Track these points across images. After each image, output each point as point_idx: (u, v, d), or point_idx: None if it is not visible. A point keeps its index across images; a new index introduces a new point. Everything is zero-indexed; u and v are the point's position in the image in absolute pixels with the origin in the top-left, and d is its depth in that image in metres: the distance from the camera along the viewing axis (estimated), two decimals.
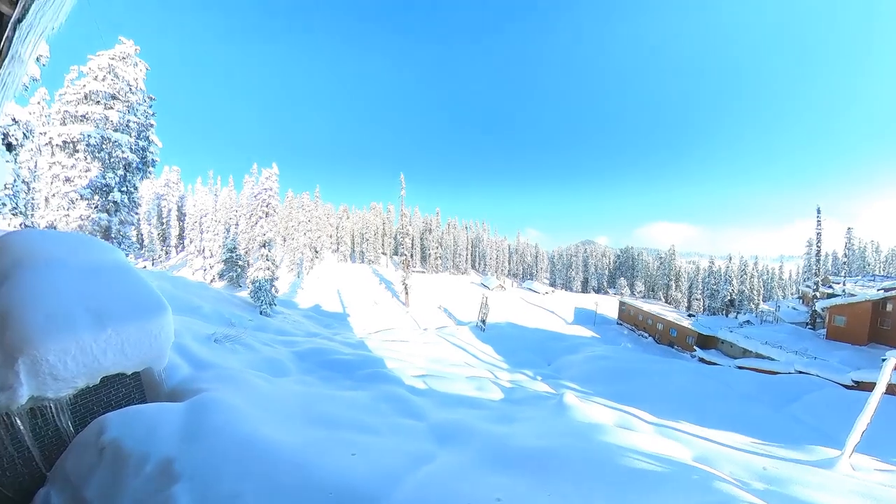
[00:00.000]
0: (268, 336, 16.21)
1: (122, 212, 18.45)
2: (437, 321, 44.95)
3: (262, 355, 10.97)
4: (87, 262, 4.92)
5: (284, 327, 22.97)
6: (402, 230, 54.09)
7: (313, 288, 53.68)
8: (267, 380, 8.15)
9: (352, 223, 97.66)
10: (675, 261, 74.70)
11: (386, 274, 72.61)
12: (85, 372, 3.86)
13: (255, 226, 29.59)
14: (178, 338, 7.87)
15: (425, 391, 12.21)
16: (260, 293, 27.38)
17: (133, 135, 18.76)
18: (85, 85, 17.37)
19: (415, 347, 25.35)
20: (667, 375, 20.26)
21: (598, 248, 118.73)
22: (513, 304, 60.90)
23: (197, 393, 5.53)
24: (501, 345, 32.23)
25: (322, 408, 7.09)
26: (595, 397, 15.49)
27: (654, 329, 42.45)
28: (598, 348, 31.20)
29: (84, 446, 3.69)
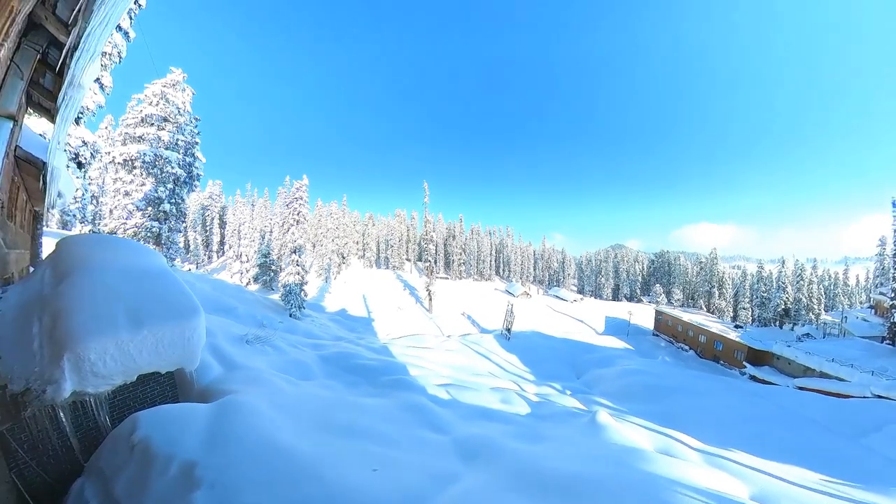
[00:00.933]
0: (296, 338, 16.67)
1: (171, 221, 20.28)
2: (460, 328, 44.39)
3: (290, 357, 11.23)
4: (131, 266, 5.22)
5: (312, 330, 23.53)
6: (425, 236, 54.56)
7: (340, 292, 55.05)
8: (292, 383, 8.27)
9: (377, 230, 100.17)
10: (717, 265, 67.31)
11: (410, 280, 73.26)
12: (122, 370, 4.01)
13: (287, 233, 31.13)
14: (212, 338, 8.18)
15: (448, 402, 11.86)
16: (290, 297, 28.54)
17: (181, 152, 20.79)
18: (142, 110, 19.67)
19: (438, 355, 24.93)
20: (713, 394, 18.30)
21: (630, 252, 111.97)
22: (539, 311, 58.90)
23: (225, 394, 5.64)
24: (527, 355, 31.09)
25: (344, 415, 7.00)
26: (630, 416, 14.33)
27: (696, 341, 38.96)
28: (632, 361, 29.07)
29: (117, 441, 3.81)
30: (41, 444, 3.79)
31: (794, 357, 27.71)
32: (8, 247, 4.84)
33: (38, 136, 5.80)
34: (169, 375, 5.14)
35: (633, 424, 12.10)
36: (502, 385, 18.41)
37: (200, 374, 6.16)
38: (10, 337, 3.72)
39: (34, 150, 5.33)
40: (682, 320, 41.91)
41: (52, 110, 5.29)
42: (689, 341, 40.17)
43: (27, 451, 3.68)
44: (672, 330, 43.85)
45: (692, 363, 35.47)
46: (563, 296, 76.30)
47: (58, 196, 6.15)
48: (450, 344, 31.57)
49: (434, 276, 53.12)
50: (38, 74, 4.78)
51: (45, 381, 3.53)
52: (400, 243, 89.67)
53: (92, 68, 5.05)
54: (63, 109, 4.59)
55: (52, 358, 3.62)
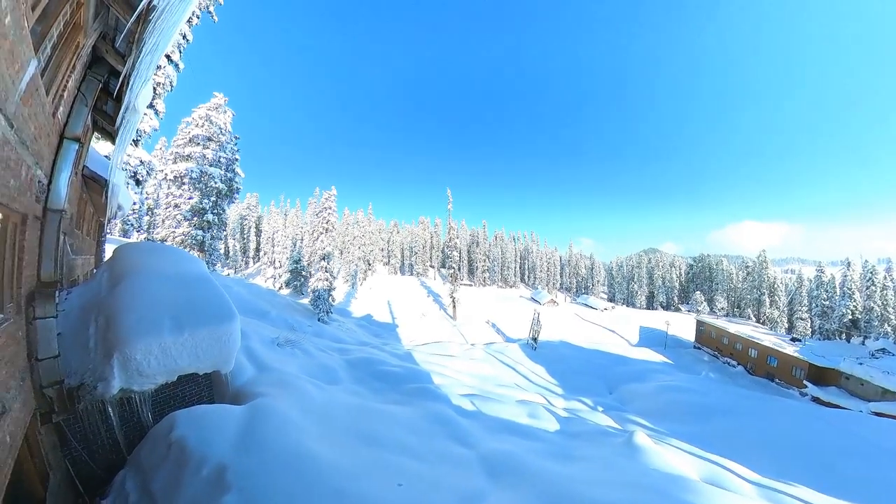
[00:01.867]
0: (323, 342, 17.09)
1: (213, 230, 22.12)
2: (484, 336, 43.65)
3: (317, 361, 11.48)
4: (176, 273, 5.59)
5: (338, 334, 23.99)
6: (449, 243, 54.70)
7: (366, 298, 56.33)
8: (320, 387, 8.41)
9: (401, 237, 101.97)
10: (767, 270, 60.12)
11: (434, 286, 73.44)
12: (164, 370, 4.24)
13: (317, 241, 32.54)
14: (246, 340, 8.55)
15: (473, 413, 11.55)
16: (319, 302, 29.59)
17: (223, 168, 22.89)
18: (189, 131, 22.02)
19: (461, 363, 24.52)
20: (769, 417, 16.28)
21: (665, 256, 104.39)
22: (567, 320, 56.55)
23: (257, 396, 5.81)
24: (555, 366, 29.75)
25: (369, 423, 6.96)
26: (671, 439, 13.10)
27: (745, 356, 35.18)
28: (671, 377, 26.87)
29: (157, 439, 3.99)
30: (91, 436, 4.07)
31: (867, 377, 24.06)
32: (74, 253, 5.38)
33: (102, 158, 6.47)
34: (206, 376, 5.39)
35: (675, 448, 11.06)
36: (529, 398, 17.74)
37: (234, 376, 6.42)
38: (70, 335, 4.07)
39: (99, 169, 5.94)
40: (728, 332, 38.10)
41: (114, 133, 5.88)
42: (736, 355, 36.34)
43: (79, 441, 3.97)
44: (716, 342, 40.01)
45: (741, 380, 32.02)
46: (592, 304, 72.67)
47: (118, 208, 6.78)
48: (474, 353, 30.94)
49: (458, 282, 52.90)
50: (101, 101, 5.33)
51: (97, 378, 3.80)
52: (424, 250, 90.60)
53: (145, 92, 5.57)
54: (122, 132, 5.07)
55: (103, 356, 3.90)
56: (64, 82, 3.65)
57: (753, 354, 34.22)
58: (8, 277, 2.96)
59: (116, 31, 4.31)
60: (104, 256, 8.17)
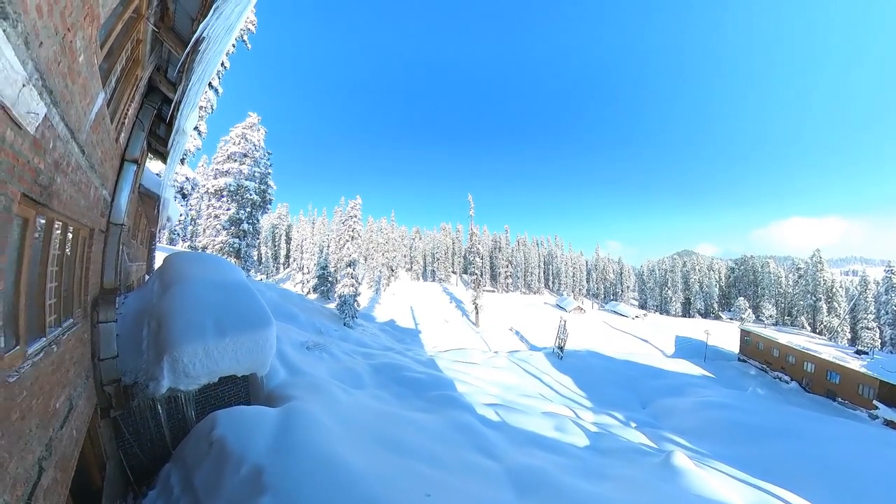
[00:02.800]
0: (349, 346, 17.45)
1: (248, 238, 23.75)
2: (508, 344, 42.70)
3: (344, 365, 11.74)
4: (218, 280, 5.98)
5: (363, 339, 24.56)
6: (471, 249, 54.47)
7: (389, 304, 56.79)
8: (346, 391, 8.58)
9: (423, 243, 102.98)
10: (823, 272, 53.92)
11: (456, 292, 73.19)
12: (207, 372, 4.51)
13: (343, 248, 33.71)
14: (279, 343, 8.94)
15: (498, 424, 11.27)
16: (345, 307, 30.44)
17: (257, 181, 24.64)
18: (227, 149, 24.01)
19: (485, 371, 24.22)
20: (830, 442, 14.41)
21: (702, 259, 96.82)
22: (595, 328, 54.05)
23: (289, 399, 6.03)
24: (582, 377, 28.36)
25: (395, 430, 6.98)
26: (713, 461, 12.00)
27: (800, 370, 31.48)
28: (712, 392, 24.69)
29: (199, 437, 4.23)
30: (142, 430, 4.40)
31: None
32: (130, 260, 5.93)
33: (154, 175, 7.13)
34: (244, 378, 5.68)
35: (718, 472, 10.11)
36: (555, 410, 17.06)
37: (269, 378, 6.71)
38: (126, 337, 4.46)
39: (151, 185, 6.54)
40: (778, 343, 34.41)
41: (165, 154, 6.47)
42: (789, 369, 32.63)
43: (132, 434, 4.30)
44: (765, 354, 36.27)
45: (795, 398, 28.71)
46: (622, 311, 68.98)
47: (167, 220, 7.41)
48: (497, 360, 30.26)
49: (480, 289, 52.39)
50: (155, 126, 5.90)
51: (149, 377, 4.11)
52: (446, 256, 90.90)
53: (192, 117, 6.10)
54: (172, 152, 5.57)
55: (155, 358, 4.23)
56: (125, 110, 4.07)
57: (810, 369, 30.61)
58: (77, 285, 3.30)
59: (169, 62, 4.77)
60: (154, 263, 8.95)
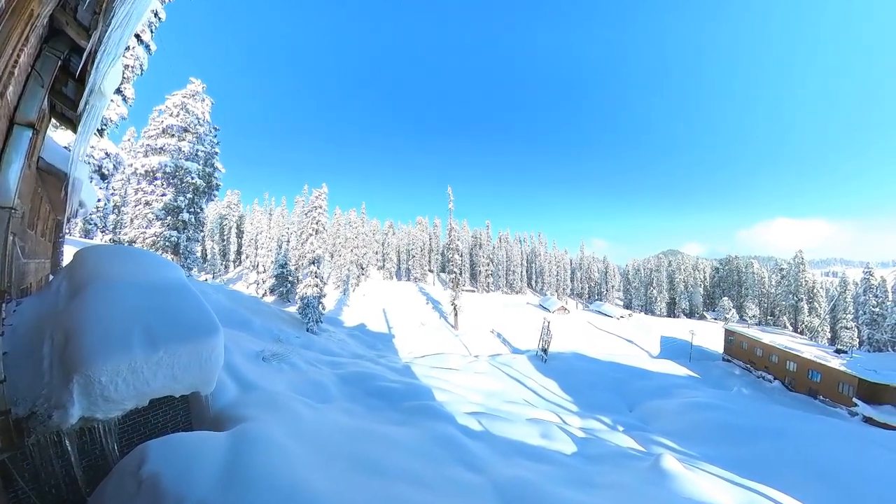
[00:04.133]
0: (313, 355, 16.84)
1: (189, 230, 21.74)
2: (489, 347, 43.45)
3: (308, 377, 11.23)
4: (149, 280, 5.31)
5: (329, 346, 23.83)
6: (450, 245, 54.47)
7: (358, 306, 56.12)
8: (311, 407, 8.13)
9: (397, 239, 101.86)
10: (805, 273, 60.09)
11: (433, 293, 73.30)
12: (134, 394, 3.94)
13: (305, 243, 32.21)
14: (228, 354, 8.29)
15: (481, 434, 11.38)
16: (307, 310, 29.24)
17: (201, 162, 22.52)
18: (162, 121, 21.72)
19: (465, 377, 24.49)
20: (815, 440, 16.02)
21: (688, 259, 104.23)
22: (579, 329, 56.37)
23: (241, 420, 5.53)
24: (568, 380, 29.51)
25: (369, 448, 6.71)
26: (702, 463, 12.88)
27: (783, 370, 34.80)
28: (698, 393, 26.64)
29: (124, 475, 3.70)
30: (43, 474, 3.77)
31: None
32: (26, 256, 5.09)
33: (62, 148, 6.20)
34: (183, 399, 5.10)
35: (708, 474, 10.82)
36: (541, 416, 17.60)
37: (216, 397, 6.14)
38: (19, 355, 3.78)
39: (57, 161, 5.66)
40: (762, 342, 37.72)
41: (75, 120, 5.61)
42: (772, 369, 35.88)
43: (28, 480, 3.66)
44: (749, 355, 39.66)
45: (779, 397, 31.64)
46: (607, 311, 72.52)
47: (80, 206, 6.49)
48: (478, 365, 30.75)
49: (459, 288, 52.66)
50: (60, 83, 5.06)
51: (53, 406, 3.50)
52: (422, 253, 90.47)
53: (113, 74, 5.30)
54: (85, 119, 4.80)
55: (61, 380, 3.61)
56: (14, 57, 3.37)
57: (792, 368, 33.83)
58: None
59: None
60: (62, 261, 7.88)
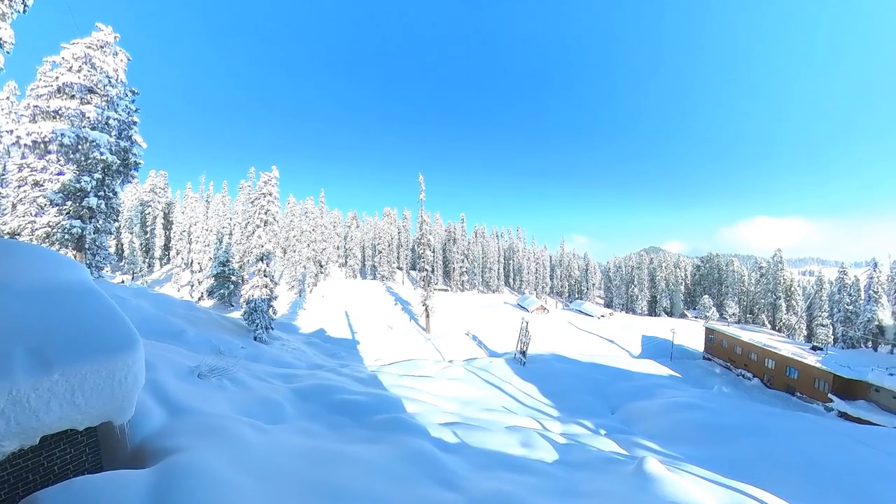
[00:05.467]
0: (263, 368, 16.23)
1: (99, 219, 19.08)
2: (464, 351, 44.00)
3: (256, 394, 10.69)
4: (38, 284, 4.64)
5: (283, 357, 23.15)
6: (421, 240, 54.02)
7: (317, 309, 54.89)
8: (260, 429, 7.68)
9: (362, 232, 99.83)
10: (783, 271, 66.32)
11: (402, 292, 72.92)
12: (18, 431, 3.41)
13: (252, 236, 30.56)
14: (153, 372, 7.61)
15: (457, 446, 11.51)
16: (255, 315, 27.89)
17: (113, 134, 19.53)
18: (58, 77, 17.41)
19: (439, 385, 24.77)
20: (794, 437, 17.65)
21: (669, 256, 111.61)
22: (559, 330, 58.53)
23: (170, 453, 5.03)
24: (548, 384, 30.55)
25: (330, 472, 6.47)
26: (686, 464, 13.76)
27: (761, 367, 38.16)
28: (680, 392, 28.57)
29: None
30: None
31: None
32: None
33: None
34: (90, 433, 4.52)
35: (692, 475, 11.55)
36: (520, 423, 18.10)
37: (136, 426, 5.55)
38: None
39: None
40: (741, 340, 41.04)
41: None
42: (751, 366, 39.22)
43: None
44: (729, 353, 43.05)
45: (758, 395, 34.67)
46: (587, 310, 75.88)
47: None
48: (453, 371, 31.04)
49: (431, 287, 52.59)
50: None
51: None
52: (390, 248, 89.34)
53: None
54: None
55: None
56: None
57: (770, 365, 36.97)
58: None
59: None
60: None
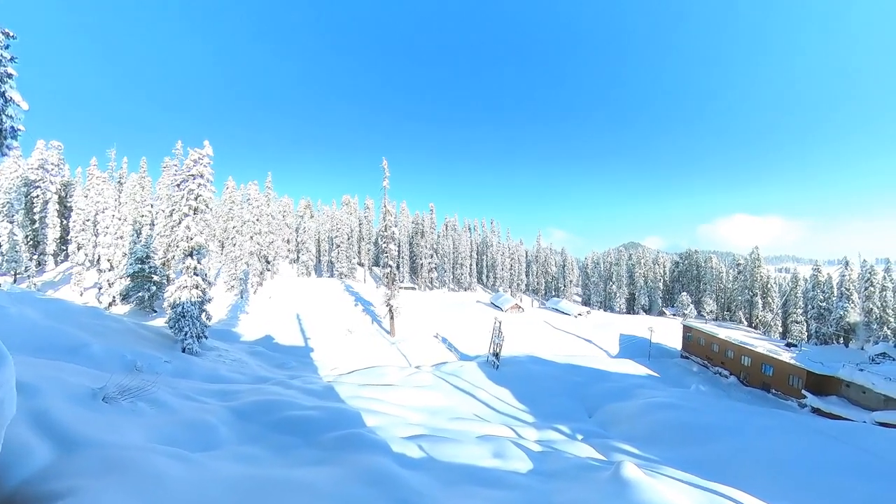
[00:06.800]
0: (192, 385, 15.61)
1: None
2: (432, 355, 44.47)
3: (181, 417, 10.08)
4: None
5: (218, 370, 22.48)
6: (385, 232, 53.30)
7: (263, 312, 53.53)
8: (184, 459, 7.11)
9: (317, 223, 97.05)
10: (760, 268, 72.51)
11: (363, 292, 72.10)
12: None
13: (179, 226, 28.55)
14: (37, 398, 6.81)
15: (422, 461, 11.53)
16: (183, 322, 26.24)
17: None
18: None
19: (404, 394, 24.93)
20: (769, 434, 19.29)
21: (648, 252, 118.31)
22: (535, 329, 60.31)
23: (56, 500, 4.48)
24: (523, 388, 31.50)
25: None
26: (665, 467, 14.66)
27: (737, 365, 41.56)
28: (658, 392, 30.45)
29: None
30: None
31: (869, 384, 29.20)
32: None
33: None
34: None
35: (670, 479, 12.26)
36: (493, 432, 18.48)
37: (10, 468, 4.88)
38: None
39: None
40: (718, 338, 44.38)
41: None
42: (728, 364, 42.61)
43: None
44: (706, 350, 46.46)
45: (735, 392, 37.67)
46: (564, 308, 78.78)
47: None
48: (420, 378, 31.23)
49: (396, 285, 52.24)
50: None
51: None
52: (349, 242, 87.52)
53: None
54: None
55: None
56: None
57: (747, 363, 40.26)
58: None
59: None
60: None
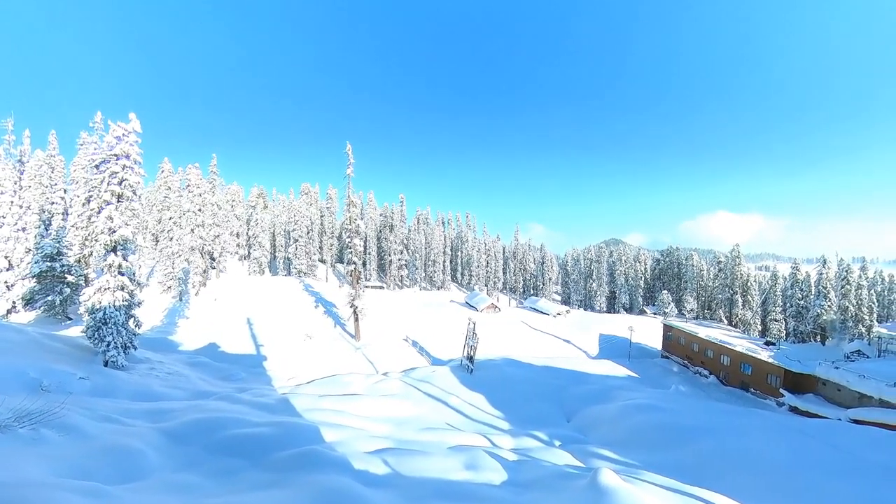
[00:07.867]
0: (116, 405, 14.83)
1: None
2: (402, 361, 44.37)
3: (99, 443, 9.48)
4: None
5: (150, 386, 21.69)
6: (348, 225, 52.40)
7: (206, 317, 52.28)
8: (99, 495, 6.57)
9: (272, 215, 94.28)
10: (740, 266, 77.03)
11: (325, 292, 71.08)
12: None
13: (99, 216, 26.58)
14: None
15: (387, 478, 11.49)
16: (105, 330, 24.52)
17: None
18: None
19: (369, 404, 24.77)
20: (748, 435, 20.38)
21: (629, 249, 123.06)
22: (512, 330, 61.30)
23: None
24: (498, 393, 31.89)
25: None
26: (644, 472, 15.22)
27: (717, 364, 43.87)
28: (638, 394, 31.52)
29: None
30: None
31: (844, 382, 31.46)
32: None
33: None
34: None
35: (649, 484, 12.70)
36: (465, 441, 18.61)
37: None
38: None
39: None
40: (698, 337, 46.72)
41: None
42: (707, 364, 44.94)
43: None
44: (686, 350, 48.74)
45: (714, 392, 39.83)
46: (543, 308, 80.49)
47: None
48: (387, 386, 31.03)
49: (362, 284, 51.59)
50: None
51: None
52: (309, 236, 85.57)
53: None
54: None
55: None
56: None
57: (726, 362, 42.66)
58: None
59: None
60: None
